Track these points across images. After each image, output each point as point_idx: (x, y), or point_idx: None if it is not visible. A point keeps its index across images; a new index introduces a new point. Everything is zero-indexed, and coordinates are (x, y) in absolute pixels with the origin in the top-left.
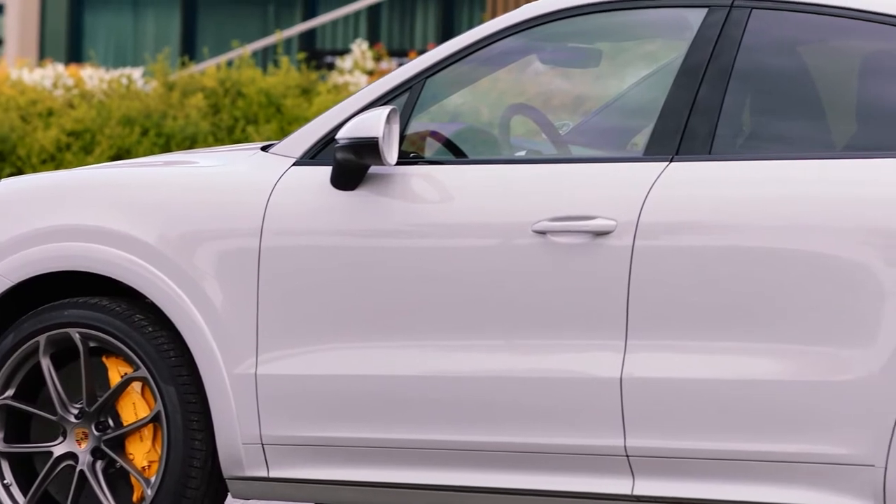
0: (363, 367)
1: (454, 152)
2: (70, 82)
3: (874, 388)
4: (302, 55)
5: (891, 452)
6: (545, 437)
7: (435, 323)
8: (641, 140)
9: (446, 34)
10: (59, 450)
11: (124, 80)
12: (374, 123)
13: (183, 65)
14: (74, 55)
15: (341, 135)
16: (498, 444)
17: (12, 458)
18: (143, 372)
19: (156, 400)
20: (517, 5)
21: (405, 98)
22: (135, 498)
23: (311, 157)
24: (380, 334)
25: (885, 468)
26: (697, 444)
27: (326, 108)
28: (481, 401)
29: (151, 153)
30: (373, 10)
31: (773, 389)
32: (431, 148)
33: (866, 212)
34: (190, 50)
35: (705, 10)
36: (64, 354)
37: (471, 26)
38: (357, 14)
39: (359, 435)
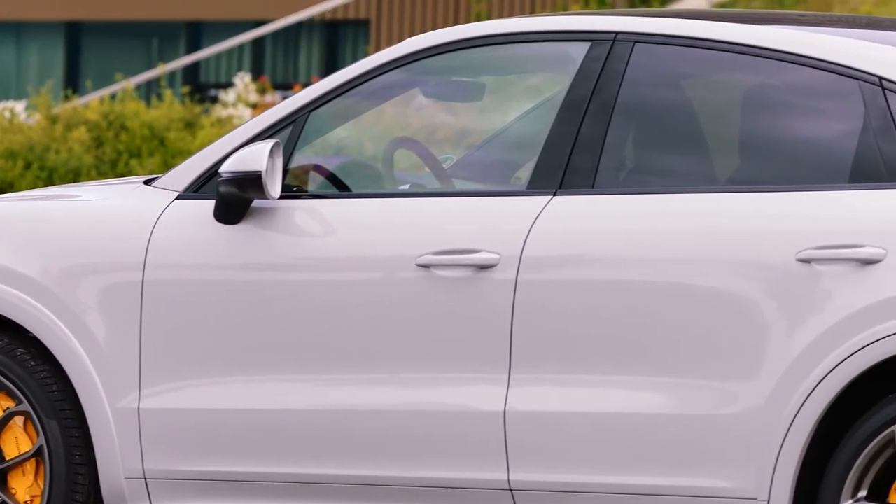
0: (246, 401)
1: (338, 186)
2: None
3: (758, 421)
4: (185, 88)
5: (773, 486)
6: (429, 470)
7: (319, 357)
8: (525, 174)
9: (330, 67)
10: None
11: (7, 114)
12: (258, 157)
13: (66, 98)
14: None
15: (224, 168)
16: (382, 477)
17: None
18: (26, 406)
19: (38, 434)
20: (401, 39)
21: (289, 131)
22: None
23: (195, 190)
24: (263, 368)
25: (768, 501)
26: (582, 478)
27: (210, 142)
28: (365, 434)
29: (34, 187)
30: (257, 44)
31: (658, 423)
32: (315, 181)
33: (749, 245)
34: (73, 83)
35: (588, 45)
36: None
37: (355, 60)
38: (241, 47)
39: (241, 469)
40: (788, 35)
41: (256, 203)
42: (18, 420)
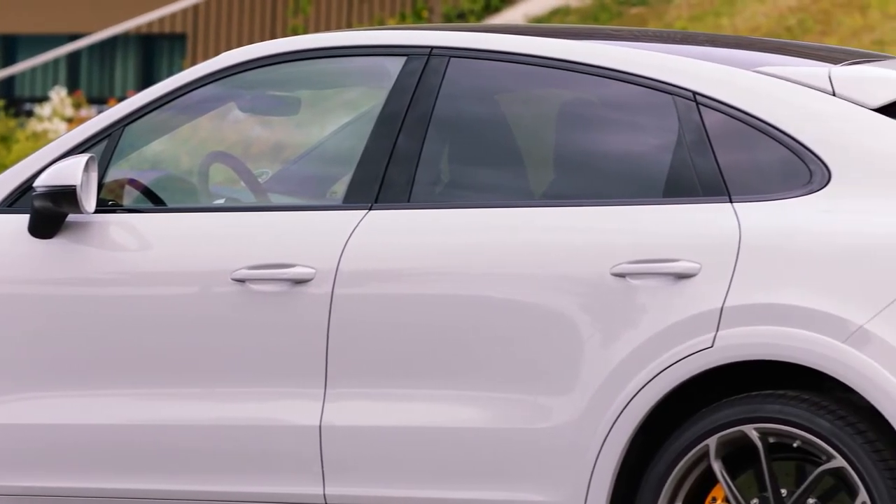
0: (60, 416)
1: (153, 200)
2: None
3: (573, 435)
4: (0, 102)
5: (589, 499)
6: (247, 485)
7: (135, 371)
8: (341, 188)
9: (146, 81)
10: None
11: None
12: (72, 171)
13: None
14: None
15: (38, 183)
16: (200, 492)
17: None
18: None
19: None
20: (218, 53)
21: (104, 146)
22: None
23: (9, 205)
24: (79, 383)
25: None
26: (398, 492)
27: (25, 156)
28: (183, 449)
29: None
30: (72, 58)
31: (473, 437)
32: (130, 196)
33: (564, 260)
34: None
35: (404, 59)
36: None
37: (171, 74)
38: (56, 61)
39: (59, 484)
40: (603, 50)
41: (71, 217)
42: None
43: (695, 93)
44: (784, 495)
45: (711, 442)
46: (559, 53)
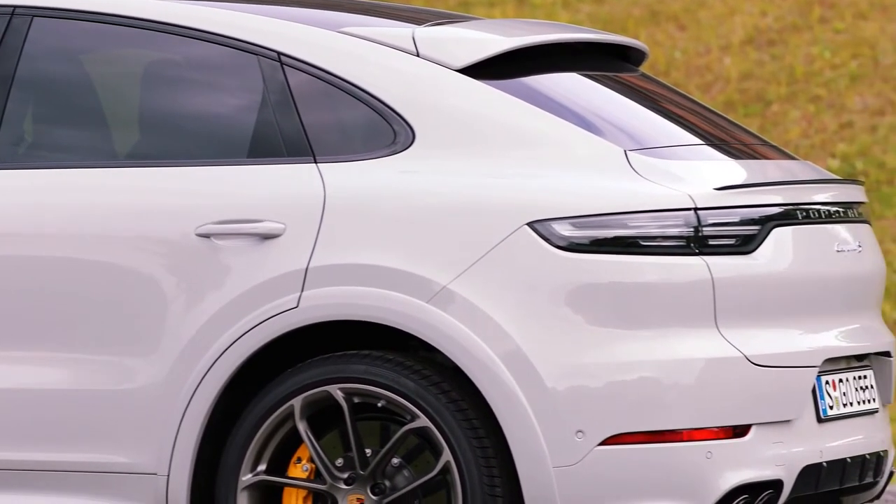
0: None
1: None
2: None
3: (158, 396)
4: None
5: (173, 461)
6: None
7: None
8: None
9: None
10: None
11: None
12: None
13: None
14: None
15: None
16: None
17: None
18: None
19: None
20: None
21: None
22: None
23: None
24: None
25: (168, 476)
26: None
27: None
28: None
29: None
30: None
31: (58, 399)
32: None
33: (147, 220)
34: None
35: None
36: None
37: None
38: None
39: None
40: (189, 10)
41: None
42: None
43: (279, 53)
44: (369, 455)
45: (297, 402)
46: (142, 13)
